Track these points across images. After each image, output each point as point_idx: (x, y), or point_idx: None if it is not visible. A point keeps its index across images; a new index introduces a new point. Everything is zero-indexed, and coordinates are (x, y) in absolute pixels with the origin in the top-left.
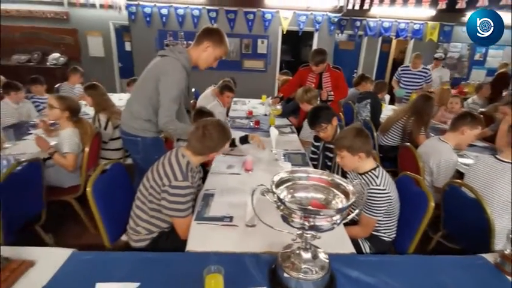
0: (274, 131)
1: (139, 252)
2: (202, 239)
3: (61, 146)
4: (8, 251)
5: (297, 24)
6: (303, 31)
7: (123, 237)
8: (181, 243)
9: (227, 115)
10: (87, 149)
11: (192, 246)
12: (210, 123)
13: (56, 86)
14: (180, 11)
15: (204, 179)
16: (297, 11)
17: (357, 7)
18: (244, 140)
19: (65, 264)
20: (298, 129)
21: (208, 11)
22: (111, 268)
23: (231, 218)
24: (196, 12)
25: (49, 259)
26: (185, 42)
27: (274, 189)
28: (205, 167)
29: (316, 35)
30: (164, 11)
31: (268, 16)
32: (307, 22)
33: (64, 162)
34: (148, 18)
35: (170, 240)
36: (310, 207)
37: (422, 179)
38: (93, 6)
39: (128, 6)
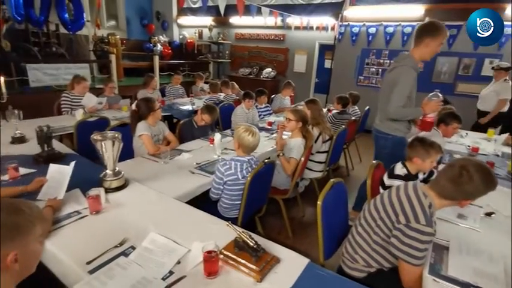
0: None
1: None
2: None
3: (288, 151)
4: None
5: None
6: None
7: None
8: None
9: None
10: (303, 158)
11: None
12: (470, 163)
13: (272, 96)
14: (390, 29)
15: None
16: None
17: None
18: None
19: (304, 273)
20: None
21: None
22: None
23: None
24: (408, 30)
25: (290, 261)
26: (388, 61)
27: None
28: None
29: None
30: (372, 30)
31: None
32: None
33: (287, 165)
34: (354, 37)
35: (389, 282)
36: None
37: None
38: (311, 28)
39: (338, 26)
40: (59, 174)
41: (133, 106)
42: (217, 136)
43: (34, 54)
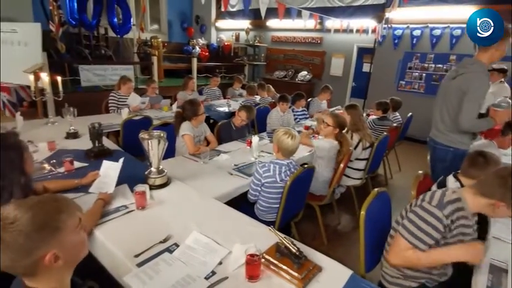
0: None
1: None
2: None
3: (318, 151)
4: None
5: None
6: None
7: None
8: None
9: None
10: (342, 165)
11: None
12: None
13: (308, 100)
14: (436, 32)
15: None
16: None
17: None
18: None
19: (347, 285)
20: None
21: None
22: None
23: None
24: (457, 32)
25: (333, 271)
26: (433, 65)
27: None
28: None
29: None
30: (417, 33)
31: None
32: None
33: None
34: (396, 40)
35: None
36: None
37: None
38: (351, 31)
39: (382, 29)
40: (110, 170)
41: (174, 107)
42: (255, 139)
43: (85, 56)
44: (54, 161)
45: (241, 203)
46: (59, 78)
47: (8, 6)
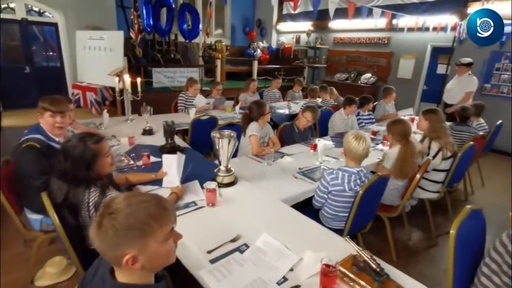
0: None
1: None
2: None
3: (386, 160)
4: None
5: None
6: None
7: None
8: None
9: None
10: (418, 176)
11: None
12: None
13: (374, 104)
14: None
15: None
16: None
17: None
18: None
19: None
20: None
21: None
22: None
23: None
24: None
25: None
26: None
27: None
28: None
29: None
30: (508, 29)
31: None
32: None
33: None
34: None
35: None
36: None
37: None
38: (426, 29)
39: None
40: (171, 164)
41: (237, 108)
42: (320, 143)
43: (158, 60)
44: (133, 154)
45: (304, 206)
46: (138, 80)
47: (96, 16)
